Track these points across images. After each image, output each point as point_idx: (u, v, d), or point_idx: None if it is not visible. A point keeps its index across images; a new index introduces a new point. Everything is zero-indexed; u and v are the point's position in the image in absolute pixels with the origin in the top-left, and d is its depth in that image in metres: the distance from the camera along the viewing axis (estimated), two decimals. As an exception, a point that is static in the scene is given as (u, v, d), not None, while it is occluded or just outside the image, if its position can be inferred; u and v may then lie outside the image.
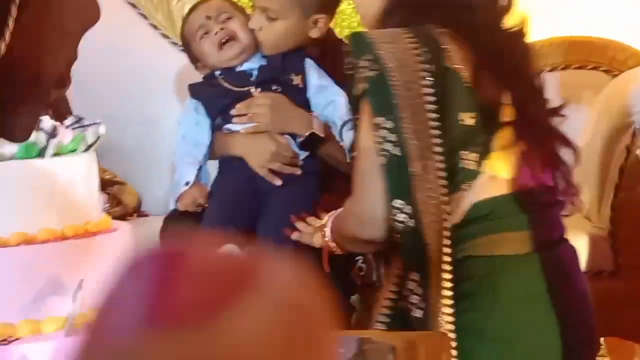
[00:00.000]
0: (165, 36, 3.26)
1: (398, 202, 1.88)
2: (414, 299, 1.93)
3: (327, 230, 2.18)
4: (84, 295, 1.21)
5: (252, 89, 2.60)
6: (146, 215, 3.04)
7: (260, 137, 2.56)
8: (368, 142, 1.95)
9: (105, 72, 3.18)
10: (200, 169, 2.61)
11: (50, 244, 1.26)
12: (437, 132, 1.89)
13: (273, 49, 2.60)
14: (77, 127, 1.37)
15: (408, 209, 1.87)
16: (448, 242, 1.88)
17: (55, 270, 1.24)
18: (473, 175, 1.92)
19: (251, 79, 2.61)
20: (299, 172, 2.54)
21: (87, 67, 3.09)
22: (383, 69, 1.90)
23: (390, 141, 1.89)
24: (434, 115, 1.89)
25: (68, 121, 1.39)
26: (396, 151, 1.88)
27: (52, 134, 1.32)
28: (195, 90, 2.69)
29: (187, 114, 2.68)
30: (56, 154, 1.32)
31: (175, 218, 2.58)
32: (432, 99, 1.89)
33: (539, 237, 1.97)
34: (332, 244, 2.20)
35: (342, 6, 2.91)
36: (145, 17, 3.26)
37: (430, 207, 1.88)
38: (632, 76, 2.83)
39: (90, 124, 1.38)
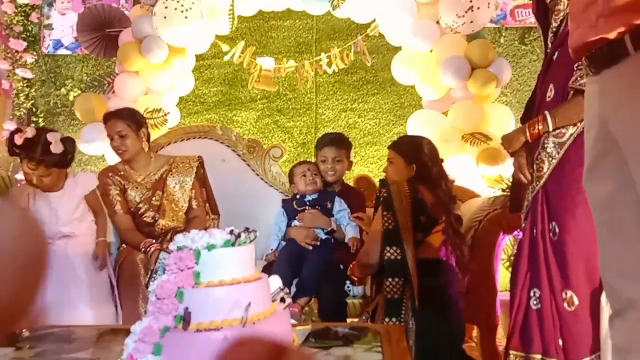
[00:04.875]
0: (262, 179, 3.18)
1: (388, 248, 1.99)
2: (393, 293, 1.97)
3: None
4: (250, 309, 1.16)
5: (307, 208, 2.63)
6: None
7: (302, 229, 2.61)
8: (378, 222, 2.06)
9: (235, 194, 3.10)
10: (279, 243, 2.63)
11: (235, 285, 1.19)
12: (410, 221, 2.03)
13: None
14: (246, 232, 1.33)
15: (398, 251, 1.97)
16: (414, 264, 1.97)
17: (237, 297, 1.18)
18: (418, 243, 2.05)
19: (307, 203, 2.64)
20: (317, 244, 2.57)
21: (227, 191, 3.07)
22: (390, 194, 2.05)
23: (388, 221, 2.02)
24: (410, 214, 2.04)
25: (242, 229, 1.32)
26: (392, 226, 2.01)
27: (238, 236, 1.24)
28: (284, 203, 2.72)
29: (278, 216, 2.68)
30: (239, 245, 1.24)
31: (268, 264, 2.57)
32: (410, 207, 2.04)
33: None
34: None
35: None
36: (253, 170, 3.19)
37: (409, 252, 1.97)
38: (471, 203, 2.76)
39: (252, 231, 1.28)
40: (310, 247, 2.55)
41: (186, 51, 3.36)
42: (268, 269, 2.47)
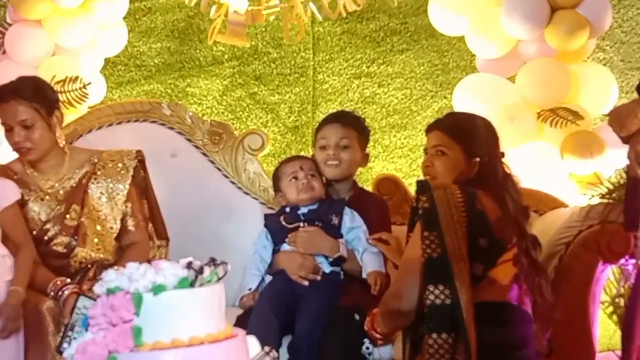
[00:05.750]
0: (232, 183, 3.26)
1: (431, 287, 1.98)
2: (440, 356, 1.98)
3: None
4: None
5: (302, 225, 2.68)
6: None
7: (296, 255, 2.64)
8: (416, 248, 2.06)
9: (192, 206, 3.19)
10: (262, 280, 2.67)
11: (196, 347, 1.22)
12: (465, 246, 2.04)
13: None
14: (211, 265, 1.35)
15: (447, 292, 1.97)
16: (472, 312, 1.97)
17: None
18: (478, 279, 2.04)
19: (302, 218, 2.69)
20: (318, 278, 2.60)
21: (180, 201, 3.13)
22: (434, 204, 2.05)
23: (431, 247, 2.02)
24: (465, 235, 2.04)
25: (205, 261, 1.36)
26: (437, 254, 2.00)
27: (200, 271, 1.28)
28: (267, 221, 2.79)
29: (260, 239, 2.74)
30: (201, 285, 1.28)
31: (244, 313, 2.59)
32: (465, 225, 2.04)
33: None
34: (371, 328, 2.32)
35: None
36: (219, 169, 3.26)
37: (463, 293, 1.97)
38: (554, 216, 2.81)
39: (220, 263, 1.35)
40: (307, 283, 2.59)
41: (115, -11, 3.39)
42: (244, 321, 2.48)
